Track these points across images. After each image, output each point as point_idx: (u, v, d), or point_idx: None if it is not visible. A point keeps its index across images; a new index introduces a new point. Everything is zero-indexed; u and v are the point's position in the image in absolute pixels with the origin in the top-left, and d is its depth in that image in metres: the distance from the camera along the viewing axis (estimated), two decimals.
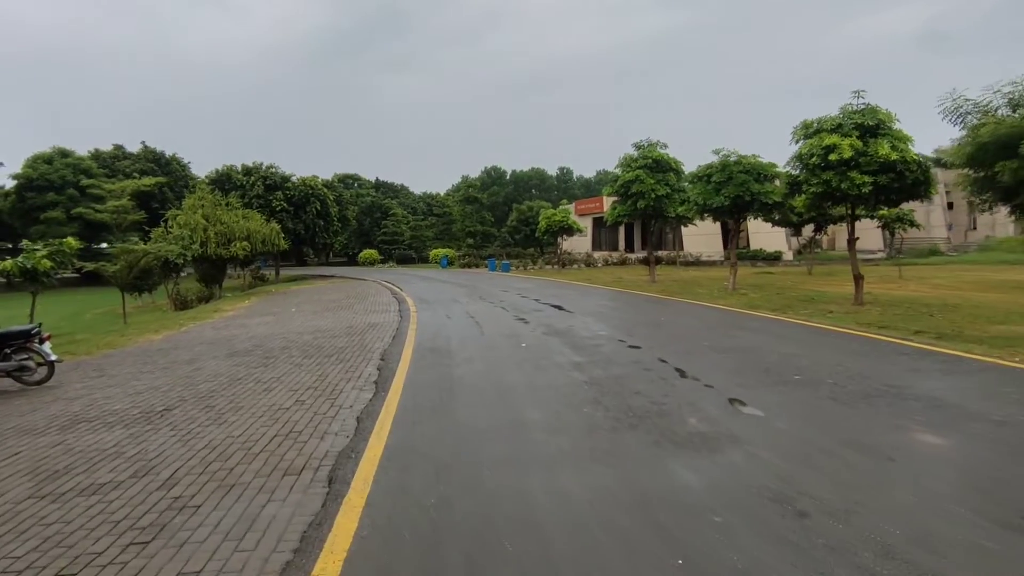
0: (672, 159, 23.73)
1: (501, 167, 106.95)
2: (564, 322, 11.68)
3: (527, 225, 52.27)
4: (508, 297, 17.82)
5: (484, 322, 12.17)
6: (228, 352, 9.84)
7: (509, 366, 7.61)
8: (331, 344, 10.14)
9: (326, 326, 12.70)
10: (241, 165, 37.69)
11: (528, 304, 15.46)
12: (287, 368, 8.16)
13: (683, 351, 8.18)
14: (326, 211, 38.54)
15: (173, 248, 18.75)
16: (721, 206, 18.33)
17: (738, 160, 18.47)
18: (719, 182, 18.43)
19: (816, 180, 13.41)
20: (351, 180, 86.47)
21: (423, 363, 8.02)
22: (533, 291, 20.08)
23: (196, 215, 22.69)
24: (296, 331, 12.10)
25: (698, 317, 12.21)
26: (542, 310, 14.05)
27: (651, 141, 24.30)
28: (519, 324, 11.60)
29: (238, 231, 23.50)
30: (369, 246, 62.56)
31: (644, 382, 6.44)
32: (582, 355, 8.11)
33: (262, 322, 14.12)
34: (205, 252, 22.56)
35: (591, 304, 15.81)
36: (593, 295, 18.58)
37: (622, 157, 24.57)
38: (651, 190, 22.65)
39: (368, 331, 11.60)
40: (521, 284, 24.21)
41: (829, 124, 13.72)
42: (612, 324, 11.42)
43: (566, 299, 16.81)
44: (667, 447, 4.41)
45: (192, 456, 4.67)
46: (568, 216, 33.86)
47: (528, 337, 9.87)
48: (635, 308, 14.62)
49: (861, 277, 14.26)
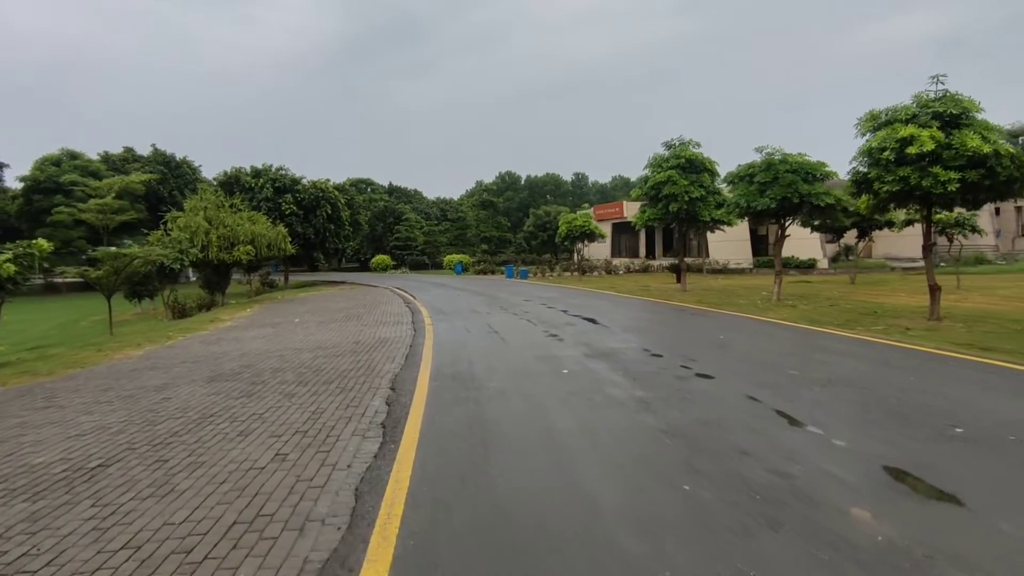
0: (707, 159, 22.03)
1: (515, 172, 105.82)
2: (604, 340, 10.00)
3: (544, 230, 50.69)
4: (532, 308, 16.17)
5: (511, 339, 10.52)
6: (210, 375, 8.27)
7: (553, 402, 5.95)
8: (333, 366, 8.55)
9: (330, 341, 11.13)
10: (250, 167, 36.39)
11: (556, 316, 13.80)
12: (274, 400, 6.56)
13: (770, 383, 6.46)
14: (337, 215, 37.07)
15: (166, 252, 17.33)
16: (767, 208, 16.61)
17: (784, 159, 16.77)
18: (763, 182, 16.75)
19: (891, 178, 11.65)
20: (364, 185, 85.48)
21: (444, 397, 6.38)
22: (558, 301, 18.42)
23: (197, 217, 21.31)
24: (295, 347, 10.53)
25: (761, 335, 10.47)
26: (574, 323, 12.39)
27: (683, 140, 22.63)
28: (552, 342, 9.94)
29: (242, 234, 22.10)
30: (382, 252, 61.27)
31: (744, 433, 4.75)
32: (643, 387, 6.43)
33: (259, 335, 12.58)
34: (206, 256, 21.17)
35: (627, 317, 14.12)
36: (625, 306, 16.88)
37: (652, 157, 22.91)
38: (684, 192, 20.95)
39: (377, 348, 10.00)
40: (543, 292, 22.57)
41: (903, 114, 11.99)
42: (663, 343, 9.71)
43: (597, 311, 15.13)
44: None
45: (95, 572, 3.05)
46: (590, 221, 32.18)
47: (568, 360, 8.20)
48: (680, 322, 12.89)
49: (938, 288, 12.47)
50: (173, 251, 18.05)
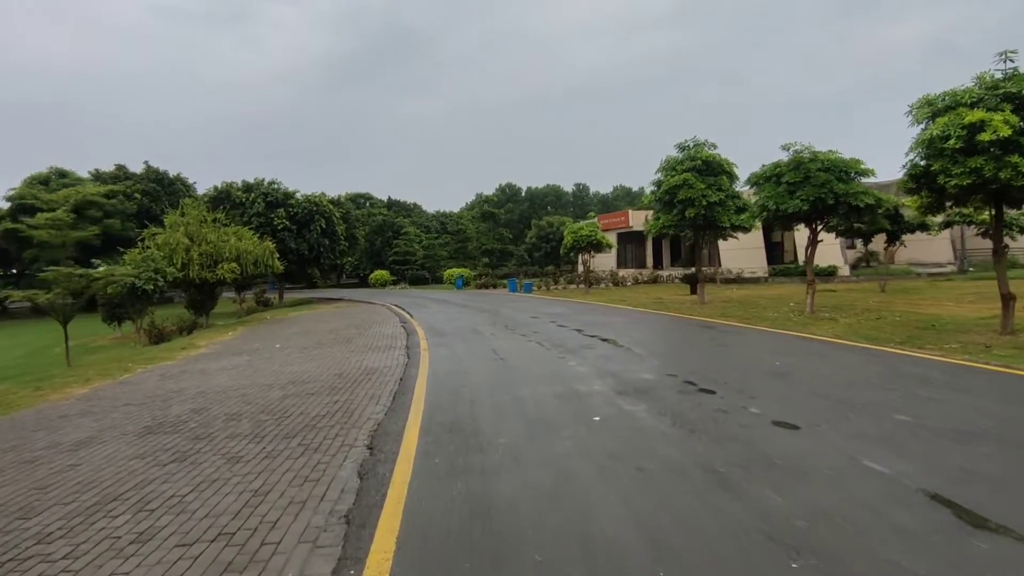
0: (724, 160, 20.47)
1: (516, 184, 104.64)
2: (633, 368, 8.33)
3: (547, 242, 49.06)
4: (541, 326, 14.51)
5: (520, 368, 8.85)
6: (149, 424, 6.62)
7: (589, 473, 4.28)
8: (303, 409, 6.89)
9: (308, 373, 9.47)
10: (241, 181, 34.87)
11: (570, 337, 12.13)
12: (212, 467, 4.90)
13: (883, 437, 4.77)
14: (332, 229, 35.42)
15: (133, 272, 15.69)
16: (798, 211, 15.00)
17: (814, 156, 15.21)
18: (792, 183, 15.18)
19: (959, 170, 10.04)
20: (362, 199, 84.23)
21: (436, 463, 4.71)
22: (568, 317, 16.75)
23: (177, 234, 19.76)
24: (265, 382, 8.88)
25: (820, 358, 8.78)
26: (591, 346, 10.72)
27: (698, 141, 21.09)
28: (571, 372, 8.27)
29: (227, 251, 20.53)
30: (380, 267, 59.66)
31: (905, 545, 3.07)
32: (708, 445, 4.76)
33: (230, 366, 10.93)
34: (187, 276, 19.58)
35: (651, 336, 12.46)
36: (644, 323, 15.22)
37: (664, 159, 21.36)
38: (701, 196, 19.37)
39: (361, 383, 8.35)
40: (550, 308, 20.91)
41: (966, 97, 10.42)
42: (707, 372, 8.02)
43: (615, 329, 13.46)
44: None
45: None
46: (596, 230, 30.54)
47: (596, 400, 6.52)
48: (714, 343, 11.19)
49: (1013, 297, 10.80)
50: (147, 270, 16.46)
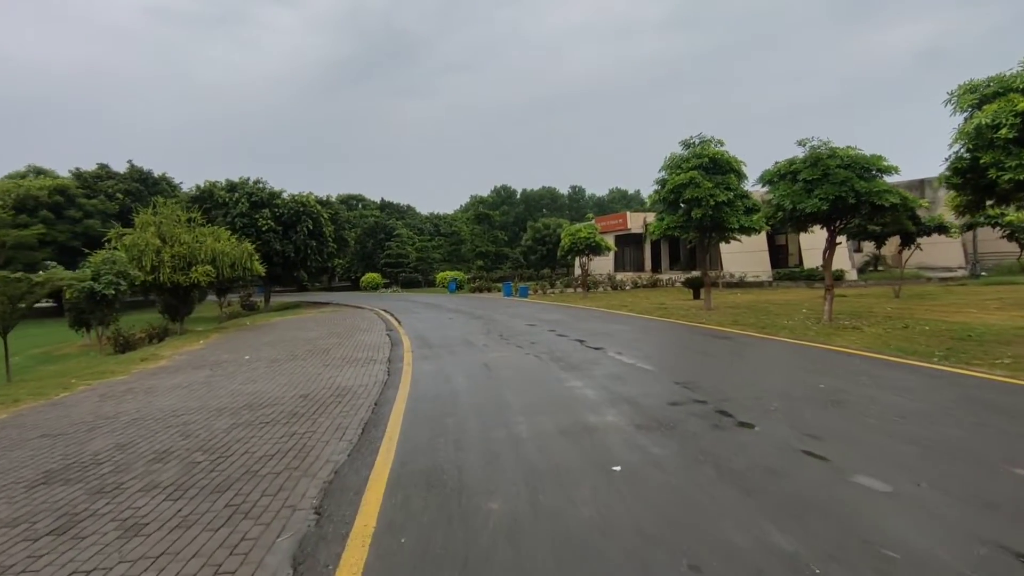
0: (733, 158, 19.27)
1: (511, 186, 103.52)
2: (651, 391, 7.04)
3: (543, 244, 47.80)
4: (539, 336, 13.22)
5: (518, 391, 7.54)
6: (53, 469, 5.28)
7: (620, 564, 2.99)
8: (249, 446, 5.57)
9: (270, 394, 8.14)
10: (225, 180, 33.40)
11: (572, 349, 10.84)
12: (91, 552, 3.56)
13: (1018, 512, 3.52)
14: (319, 230, 33.93)
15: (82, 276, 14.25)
16: (817, 211, 13.80)
17: (833, 152, 14.02)
18: (810, 180, 13.99)
19: (1014, 163, 8.87)
20: (355, 201, 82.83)
21: (403, 545, 3.40)
22: (568, 325, 15.47)
23: (146, 234, 18.35)
24: (218, 405, 7.55)
25: (865, 377, 7.50)
26: (598, 361, 9.43)
27: (704, 137, 19.89)
28: (578, 397, 6.97)
29: (202, 253, 19.16)
30: (372, 269, 58.23)
31: None
32: (782, 522, 3.47)
33: (184, 383, 9.58)
34: (157, 279, 18.18)
35: (662, 349, 11.20)
36: (651, 332, 13.94)
37: (668, 157, 20.14)
38: (709, 195, 18.14)
39: (327, 408, 7.03)
40: (547, 314, 19.62)
41: (1018, 82, 9.26)
42: (741, 396, 6.72)
43: (620, 339, 12.19)
44: None
45: None
46: (595, 233, 29.30)
47: (612, 438, 5.22)
48: (737, 357, 9.90)
49: None
50: (107, 273, 15.05)
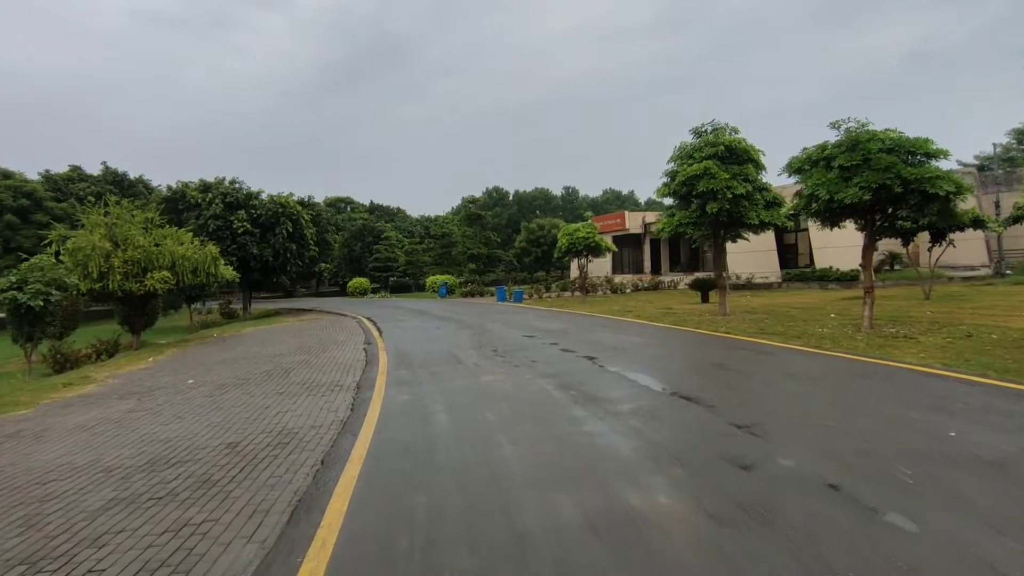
0: (751, 146, 17.39)
1: (503, 188, 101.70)
2: (707, 443, 5.07)
3: (538, 246, 45.86)
4: (540, 351, 11.23)
5: (520, 441, 5.50)
6: None
7: None
8: (101, 556, 3.57)
9: (192, 441, 6.12)
10: (199, 180, 31.28)
11: (582, 370, 8.86)
12: None
13: None
14: (300, 233, 31.73)
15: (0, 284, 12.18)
16: (858, 202, 11.91)
17: (874, 136, 12.18)
18: (847, 167, 12.15)
19: None
20: (343, 203, 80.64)
21: None
22: (571, 336, 13.51)
23: (94, 235, 16.27)
24: (110, 463, 5.53)
25: (999, 416, 5.58)
26: (618, 386, 7.46)
27: (717, 124, 18.02)
28: (604, 451, 4.99)
29: (161, 257, 17.08)
30: (360, 274, 56.07)
31: None
32: None
33: (92, 422, 7.52)
34: (106, 287, 16.08)
35: (693, 370, 9.22)
36: (671, 345, 11.99)
37: (678, 146, 18.26)
38: (725, 188, 16.25)
39: (255, 469, 5.02)
40: (546, 322, 17.64)
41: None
42: (846, 459, 4.73)
43: (637, 355, 10.23)
44: None
45: None
46: (594, 233, 27.37)
47: (680, 552, 3.25)
48: (797, 384, 7.93)
49: None
50: (35, 282, 13.01)
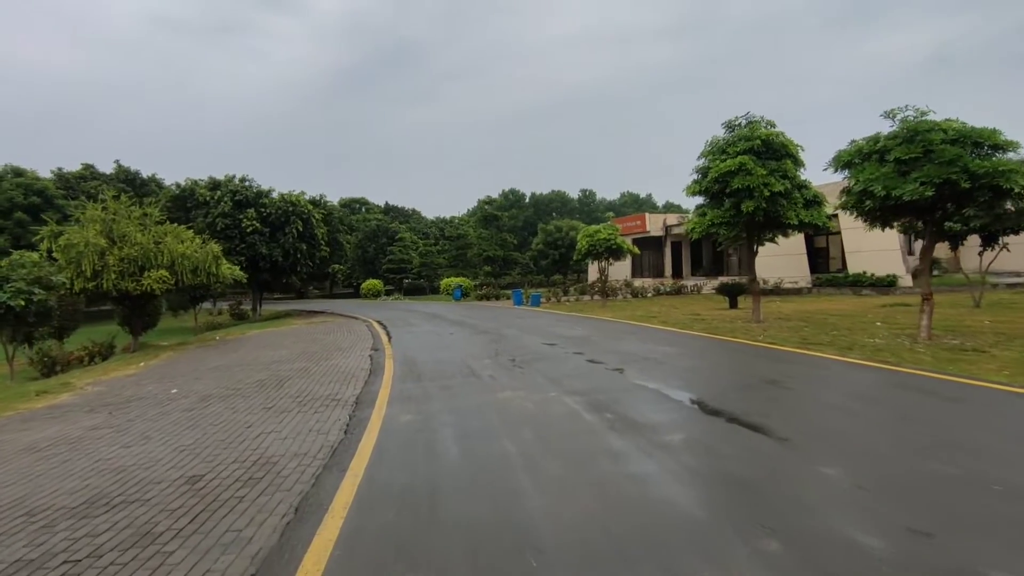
0: (789, 141, 16.08)
1: (519, 190, 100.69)
2: (794, 489, 3.86)
3: (555, 248, 44.64)
4: (563, 361, 10.05)
5: (548, 486, 4.30)
6: None
7: None
8: None
9: (150, 472, 5.05)
10: (208, 178, 30.58)
11: (614, 386, 7.66)
12: None
13: None
14: (310, 232, 30.80)
15: None
16: (920, 198, 10.57)
17: (935, 126, 10.86)
18: (905, 160, 10.83)
19: None
20: (358, 204, 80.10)
21: None
22: (596, 344, 12.31)
23: (89, 232, 15.42)
24: (40, 503, 4.47)
25: None
26: (664, 411, 6.26)
27: (752, 117, 16.74)
28: (659, 506, 3.80)
29: (161, 256, 16.19)
30: (374, 276, 55.25)
31: None
32: None
33: (47, 441, 6.49)
34: (99, 286, 15.21)
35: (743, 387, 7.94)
36: (709, 356, 10.74)
37: (709, 141, 16.97)
38: (762, 185, 14.96)
39: (211, 517, 3.90)
40: (567, 328, 16.43)
41: None
42: (992, 526, 3.56)
43: (674, 369, 9.00)
44: None
45: None
46: (616, 235, 26.12)
47: None
48: (881, 409, 6.67)
49: None
50: (18, 280, 12.13)
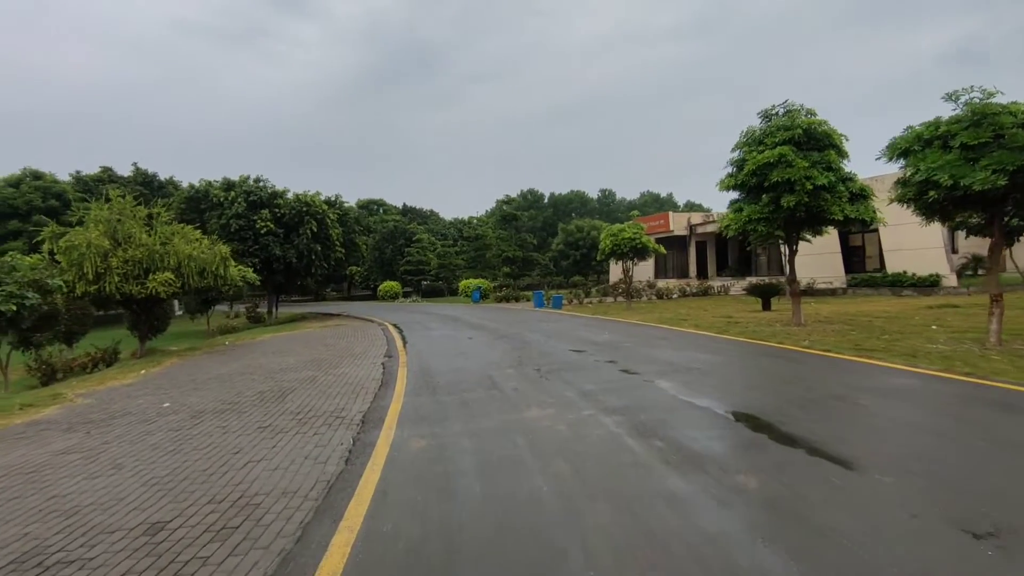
0: (832, 130, 14.88)
1: (538, 190, 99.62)
2: (942, 565, 2.85)
3: (576, 249, 43.58)
4: (593, 370, 9.03)
5: (597, 544, 3.34)
6: None
7: None
8: None
9: (117, 508, 4.16)
10: (222, 179, 30.11)
11: (654, 400, 6.62)
12: None
13: None
14: (325, 233, 30.14)
15: None
16: (992, 188, 9.37)
17: (1005, 109, 9.68)
18: (972, 145, 9.64)
19: None
20: (376, 205, 79.72)
21: None
22: (628, 351, 11.27)
23: (92, 233, 14.79)
24: None
25: None
26: (719, 433, 5.22)
27: (791, 106, 15.58)
28: (744, 559, 2.81)
29: (168, 257, 15.51)
30: (391, 277, 54.64)
31: None
32: None
33: (4, 469, 5.68)
34: (101, 290, 14.56)
35: (812, 406, 6.87)
36: (757, 364, 9.64)
37: (744, 132, 15.83)
38: (804, 178, 13.81)
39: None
40: (593, 332, 15.40)
41: None
42: None
43: (720, 380, 7.93)
44: None
45: None
46: (641, 233, 24.99)
47: None
48: (972, 429, 5.60)
49: None
50: (9, 284, 11.48)
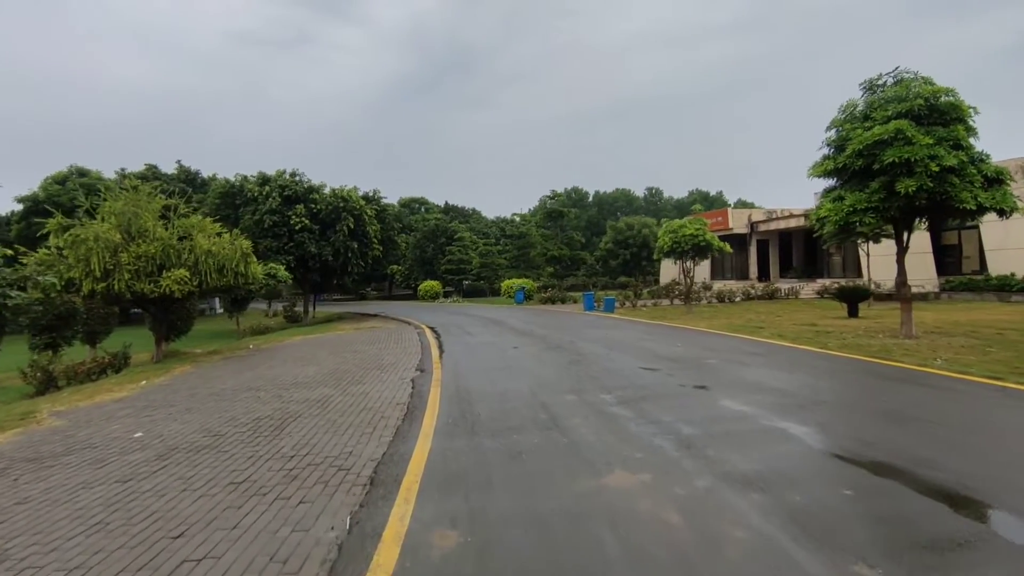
0: (959, 101, 12.12)
1: (583, 188, 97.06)
2: None
3: (626, 247, 41.09)
4: (677, 395, 6.85)
5: None
6: None
7: None
8: None
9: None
10: (258, 173, 29.01)
11: (797, 460, 4.42)
12: None
13: None
14: (362, 230, 28.70)
15: None
16: None
17: None
18: None
19: None
20: (417, 204, 78.79)
21: None
22: (714, 371, 9.03)
23: (100, 226, 13.48)
24: None
25: None
26: (958, 541, 3.07)
27: (902, 74, 12.96)
28: None
29: (183, 253, 14.08)
30: (432, 276, 53.21)
31: None
32: None
33: None
34: (110, 288, 13.20)
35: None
36: (900, 396, 7.27)
37: (843, 106, 13.32)
38: (928, 158, 11.19)
39: None
40: (662, 343, 13.12)
41: None
42: None
43: (868, 420, 5.65)
44: None
45: None
46: (704, 230, 22.45)
47: None
48: None
49: None
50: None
